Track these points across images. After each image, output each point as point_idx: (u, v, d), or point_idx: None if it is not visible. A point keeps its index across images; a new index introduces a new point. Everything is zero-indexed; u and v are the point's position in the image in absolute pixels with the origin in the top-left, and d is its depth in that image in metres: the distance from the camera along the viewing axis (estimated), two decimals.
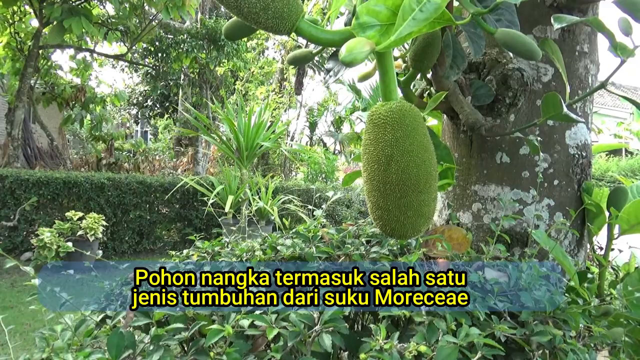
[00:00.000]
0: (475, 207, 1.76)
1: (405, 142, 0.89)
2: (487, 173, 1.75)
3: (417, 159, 0.90)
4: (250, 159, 7.34)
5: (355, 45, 0.72)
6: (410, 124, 0.90)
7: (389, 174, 0.89)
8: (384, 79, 0.92)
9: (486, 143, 1.74)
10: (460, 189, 1.81)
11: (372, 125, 0.92)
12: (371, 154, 0.92)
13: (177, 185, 7.38)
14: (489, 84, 1.69)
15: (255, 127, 7.19)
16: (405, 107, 0.91)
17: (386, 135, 0.89)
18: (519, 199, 1.70)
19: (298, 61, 1.13)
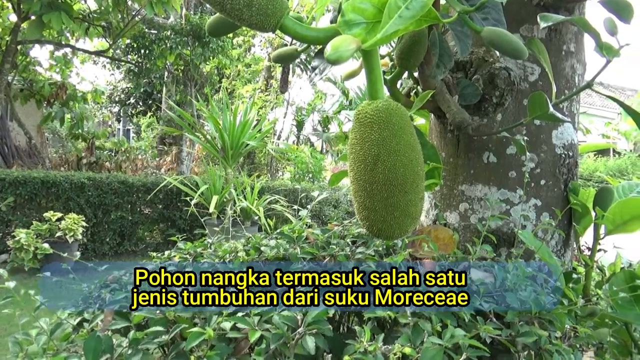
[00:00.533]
0: (462, 207, 1.78)
1: (392, 142, 0.89)
2: (474, 173, 1.76)
3: (404, 158, 0.90)
4: (235, 158, 7.31)
5: (340, 43, 0.72)
6: (397, 123, 0.91)
7: (376, 174, 0.90)
8: (370, 77, 0.92)
9: (473, 143, 1.76)
10: (448, 189, 1.83)
11: (358, 124, 0.93)
12: (357, 153, 0.92)
13: (160, 185, 7.32)
14: (476, 83, 1.70)
15: (241, 126, 7.17)
16: (392, 106, 0.91)
17: (373, 134, 0.90)
18: (505, 199, 1.71)
19: (283, 59, 1.12)
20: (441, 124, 1.85)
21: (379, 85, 0.93)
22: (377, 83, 0.92)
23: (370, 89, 0.93)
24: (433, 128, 1.94)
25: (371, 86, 0.93)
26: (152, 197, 7.52)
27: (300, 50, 1.13)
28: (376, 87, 0.93)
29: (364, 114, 0.91)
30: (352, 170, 0.94)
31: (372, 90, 0.93)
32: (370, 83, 0.93)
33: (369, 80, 0.93)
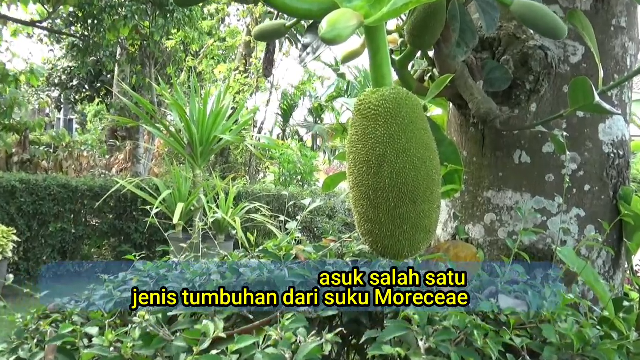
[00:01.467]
0: (488, 219, 1.80)
1: (401, 139, 0.91)
2: (502, 176, 1.79)
3: (416, 159, 0.91)
4: (205, 157, 7.31)
5: (338, 19, 0.74)
6: (408, 116, 0.92)
7: (381, 179, 0.91)
8: (375, 59, 0.93)
9: (502, 139, 1.78)
10: (470, 196, 1.85)
11: (360, 117, 0.94)
12: (359, 153, 0.93)
13: (111, 190, 7.31)
14: (506, 65, 1.73)
15: (213, 116, 7.18)
16: (402, 95, 0.93)
17: (377, 130, 0.91)
18: (541, 208, 1.74)
19: (267, 36, 1.14)
20: (462, 116, 1.88)
21: (385, 69, 0.94)
22: (383, 66, 0.94)
23: (375, 73, 0.95)
24: (452, 120, 1.97)
25: (376, 70, 0.94)
26: (101, 204, 7.50)
27: (289, 26, 1.15)
28: (382, 72, 0.94)
29: (367, 104, 0.92)
30: (352, 173, 0.95)
31: (377, 75, 0.94)
32: (374, 66, 0.94)
33: (373, 63, 0.94)
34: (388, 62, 0.94)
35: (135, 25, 10.18)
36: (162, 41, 11.10)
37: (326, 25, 0.73)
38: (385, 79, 0.95)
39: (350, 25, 0.74)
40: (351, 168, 0.96)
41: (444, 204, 1.96)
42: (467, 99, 1.61)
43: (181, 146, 7.17)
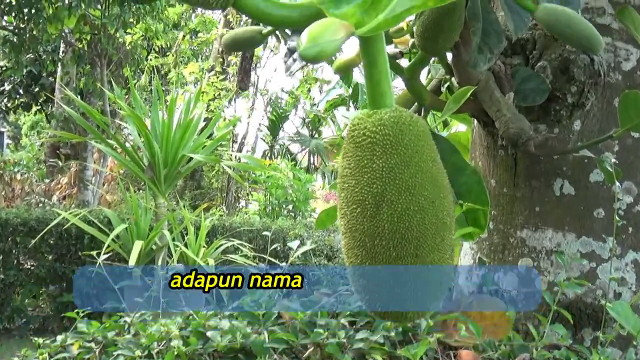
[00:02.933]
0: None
1: (403, 174, 0.93)
2: (540, 211, 1.81)
3: (422, 198, 0.94)
4: (171, 181, 7.35)
5: (321, 31, 0.76)
6: (412, 145, 0.95)
7: (379, 223, 0.93)
8: (372, 74, 0.96)
9: (538, 165, 1.82)
10: (500, 237, 1.88)
11: (353, 145, 0.96)
12: (351, 190, 0.96)
13: (50, 224, 7.31)
14: (542, 73, 1.77)
15: (180, 129, 7.23)
16: (404, 118, 0.95)
17: (374, 162, 0.94)
18: (589, 252, 1.76)
19: (241, 45, 1.17)
20: (489, 136, 1.92)
21: (384, 86, 0.97)
22: (382, 83, 0.96)
23: (372, 91, 0.98)
24: (477, 141, 2.00)
25: (373, 88, 0.97)
26: (37, 242, 7.48)
27: (266, 33, 1.18)
28: (380, 90, 0.97)
29: (362, 130, 0.95)
30: (344, 215, 0.97)
31: (374, 93, 0.97)
32: (371, 83, 0.97)
33: (369, 79, 0.97)
34: (387, 77, 0.97)
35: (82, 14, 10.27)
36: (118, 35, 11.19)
37: (306, 39, 0.75)
38: (384, 98, 0.98)
39: (336, 39, 0.77)
40: (342, 209, 0.99)
41: (467, 247, 1.99)
42: (493, 116, 1.64)
43: (140, 168, 7.21)
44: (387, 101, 0.98)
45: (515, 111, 1.65)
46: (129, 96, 9.69)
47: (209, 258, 6.55)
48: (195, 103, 7.68)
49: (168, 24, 11.85)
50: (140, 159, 7.32)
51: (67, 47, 12.09)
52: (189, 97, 7.80)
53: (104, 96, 11.34)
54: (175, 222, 7.15)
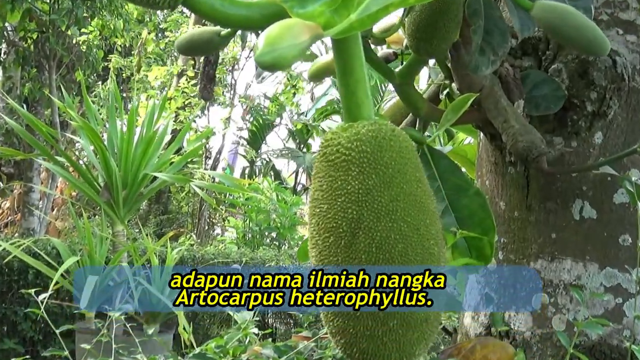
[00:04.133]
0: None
1: (382, 197, 0.95)
2: (557, 238, 1.83)
3: (405, 225, 0.96)
4: (132, 205, 7.33)
5: (282, 33, 0.78)
6: (393, 164, 0.97)
7: (355, 254, 0.95)
8: (346, 82, 0.99)
9: (554, 184, 1.83)
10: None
11: (325, 164, 0.99)
12: (324, 216, 0.98)
13: None
14: (557, 77, 1.79)
15: (143, 143, 7.23)
16: (384, 132, 0.97)
17: (349, 183, 0.96)
18: (614, 285, 1.77)
19: (196, 49, 1.19)
20: (497, 150, 1.93)
21: (360, 94, 0.99)
22: (359, 92, 0.99)
23: (347, 101, 1.00)
24: (483, 156, 2.02)
25: (348, 97, 0.99)
26: None
27: (226, 35, 1.20)
28: (356, 99, 0.99)
29: (335, 146, 0.97)
30: (315, 245, 0.99)
31: (349, 104, 0.99)
32: (346, 92, 0.99)
33: (344, 88, 0.99)
34: (365, 85, 0.99)
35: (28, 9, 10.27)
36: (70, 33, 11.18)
37: (263, 43, 0.77)
38: (360, 109, 1.00)
39: (298, 42, 0.78)
40: (314, 238, 1.00)
41: (473, 281, 2.00)
42: (499, 128, 1.66)
43: (95, 189, 7.20)
44: (364, 112, 1.00)
45: (524, 122, 1.66)
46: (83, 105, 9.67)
47: None
48: (160, 112, 7.67)
49: (129, 20, 11.86)
50: (95, 179, 7.30)
51: (10, 47, 12.07)
52: (153, 105, 7.77)
53: (53, 105, 11.29)
54: (137, 254, 7.12)
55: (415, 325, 0.98)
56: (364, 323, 0.97)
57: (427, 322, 0.98)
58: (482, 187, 2.01)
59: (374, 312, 0.96)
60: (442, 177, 1.64)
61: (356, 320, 0.97)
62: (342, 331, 0.99)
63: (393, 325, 0.96)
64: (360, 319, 0.97)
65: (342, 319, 0.98)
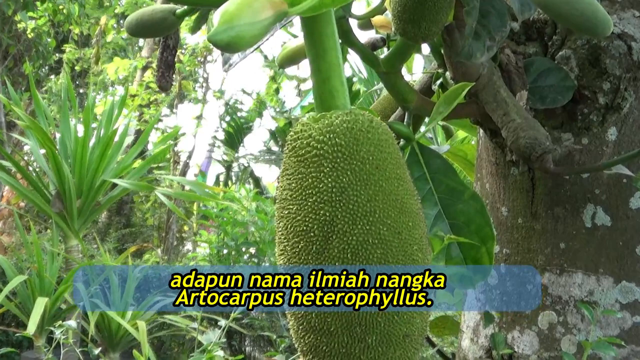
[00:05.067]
0: (544, 321, 1.83)
1: (359, 196, 0.96)
2: (566, 249, 1.83)
3: (384, 228, 0.96)
4: (87, 216, 7.31)
5: (240, 10, 0.77)
6: (371, 158, 0.97)
7: (328, 261, 0.96)
8: (319, 67, 0.99)
9: (563, 187, 1.83)
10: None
11: (295, 159, 0.99)
12: (293, 218, 0.98)
13: None
14: (564, 65, 1.79)
15: (101, 146, 7.22)
16: (361, 123, 0.98)
17: (322, 181, 0.96)
18: (631, 302, 1.77)
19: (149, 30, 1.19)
20: (498, 149, 1.94)
21: (335, 82, 0.99)
22: (333, 79, 0.99)
23: (320, 89, 1.00)
24: (483, 156, 2.03)
25: (320, 85, 1.00)
26: None
27: (182, 14, 1.19)
28: (329, 87, 0.99)
29: (306, 139, 0.98)
30: (284, 252, 1.00)
31: (322, 92, 1.00)
32: (318, 79, 1.00)
33: (316, 74, 1.00)
34: (339, 71, 0.99)
35: None
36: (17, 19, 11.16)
37: (218, 21, 0.77)
38: (334, 97, 1.00)
39: (259, 20, 0.78)
40: (282, 243, 1.01)
41: (472, 297, 2.00)
42: (498, 122, 1.66)
43: (45, 199, 7.17)
44: (338, 101, 1.00)
45: (527, 115, 1.66)
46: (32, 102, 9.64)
47: (139, 320, 6.50)
48: (120, 109, 7.66)
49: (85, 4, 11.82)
50: (45, 187, 7.28)
51: None
52: (112, 102, 7.74)
53: None
54: (94, 272, 7.10)
55: (397, 342, 0.98)
56: (338, 339, 0.97)
57: (409, 338, 0.99)
58: (482, 191, 2.01)
59: (351, 327, 0.96)
60: (434, 179, 1.64)
61: (330, 336, 0.97)
62: (315, 349, 0.99)
63: (372, 342, 0.96)
64: (334, 335, 0.97)
65: (314, 334, 0.98)
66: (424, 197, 1.62)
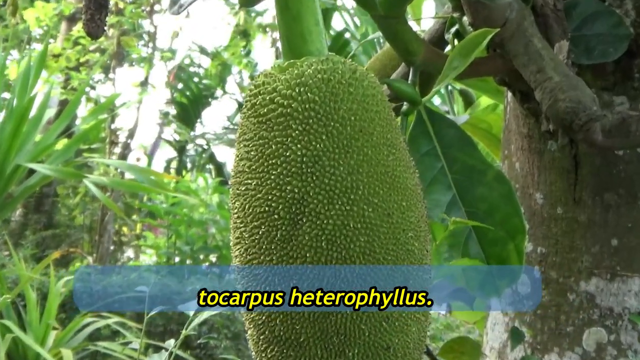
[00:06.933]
0: (590, 340, 1.84)
1: (337, 167, 0.96)
2: (620, 247, 1.84)
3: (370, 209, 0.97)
4: None
5: None
6: (353, 119, 0.98)
7: (297, 251, 0.97)
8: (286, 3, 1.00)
9: (615, 167, 1.84)
10: (552, 291, 1.89)
11: (254, 120, 1.00)
12: (252, 196, 0.99)
13: None
14: (617, 7, 1.80)
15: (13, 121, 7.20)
16: (341, 73, 0.99)
17: (289, 147, 0.97)
18: None
19: None
20: (531, 117, 1.93)
21: (307, 21, 1.01)
22: (305, 17, 1.00)
23: (288, 31, 1.02)
24: (512, 127, 2.02)
25: (289, 24, 1.01)
26: None
27: None
28: (300, 27, 1.01)
29: (269, 94, 0.99)
30: (240, 239, 1.02)
31: (290, 34, 1.02)
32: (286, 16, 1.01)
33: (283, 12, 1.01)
34: (315, 5, 1.00)
35: None
36: None
37: None
38: (306, 41, 1.02)
39: None
40: (238, 228, 1.02)
41: (497, 308, 2.00)
42: (531, 81, 1.66)
43: None
44: (311, 46, 1.01)
45: (568, 72, 1.65)
46: None
47: (64, 349, 6.51)
48: (38, 73, 7.64)
49: None
50: None
51: None
52: (28, 63, 7.71)
53: None
54: (5, 285, 7.10)
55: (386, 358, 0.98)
56: (310, 353, 0.97)
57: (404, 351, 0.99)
58: (510, 171, 2.00)
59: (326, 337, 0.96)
60: (447, 154, 1.63)
61: (299, 348, 0.97)
62: None
63: (353, 357, 0.97)
64: (305, 347, 0.97)
65: (278, 347, 0.99)
66: (433, 178, 1.61)
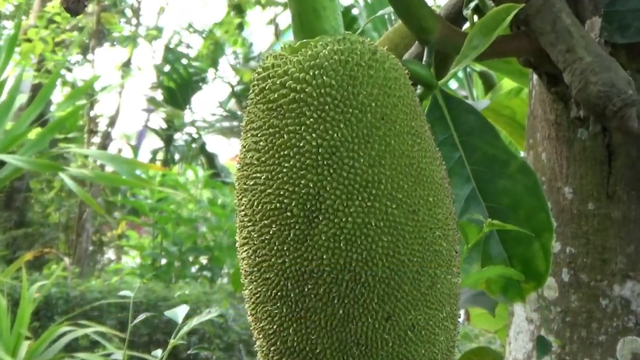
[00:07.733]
0: (625, 350, 1.84)
1: (357, 159, 0.97)
2: None
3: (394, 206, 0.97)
4: None
5: None
6: (373, 105, 0.98)
7: (313, 252, 0.97)
8: None
9: None
10: (583, 295, 1.89)
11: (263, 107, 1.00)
12: (261, 192, 0.99)
13: None
14: None
15: None
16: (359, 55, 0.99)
17: (303, 137, 0.97)
18: None
19: None
20: (559, 102, 1.94)
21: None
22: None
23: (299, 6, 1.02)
24: (538, 113, 2.03)
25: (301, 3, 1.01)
26: None
27: None
28: (314, 3, 1.01)
29: (280, 79, 0.99)
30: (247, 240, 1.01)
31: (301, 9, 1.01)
32: None
33: None
34: None
35: None
36: None
37: None
38: (321, 17, 1.02)
39: None
40: (245, 228, 1.02)
41: (520, 315, 2.01)
42: (559, 62, 1.66)
43: None
44: (326, 23, 1.02)
45: (600, 52, 1.66)
46: None
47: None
48: (9, 55, 7.65)
49: None
50: None
51: None
52: None
53: None
54: None
55: None
56: None
57: None
58: (536, 163, 2.00)
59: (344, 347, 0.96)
60: (465, 143, 1.62)
61: None
62: None
63: None
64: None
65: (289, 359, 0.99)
66: (450, 169, 1.59)
